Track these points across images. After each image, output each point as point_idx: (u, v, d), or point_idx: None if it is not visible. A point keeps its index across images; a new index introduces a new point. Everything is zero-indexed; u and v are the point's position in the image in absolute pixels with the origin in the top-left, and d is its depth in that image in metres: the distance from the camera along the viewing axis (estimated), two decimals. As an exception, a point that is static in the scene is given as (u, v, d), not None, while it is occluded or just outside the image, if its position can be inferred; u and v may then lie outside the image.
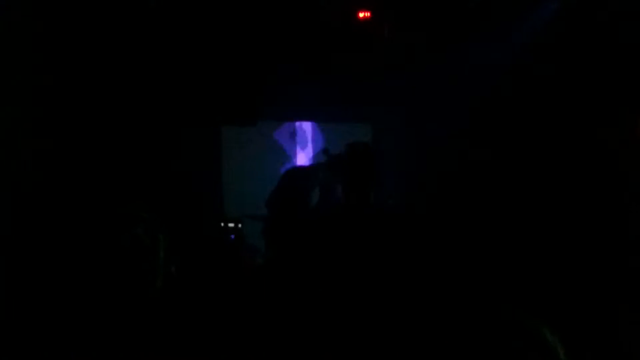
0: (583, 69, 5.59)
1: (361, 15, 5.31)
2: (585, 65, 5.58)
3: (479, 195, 5.88)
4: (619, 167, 4.92)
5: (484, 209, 5.80)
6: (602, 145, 5.02)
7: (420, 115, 6.36)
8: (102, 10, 4.68)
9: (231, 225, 4.92)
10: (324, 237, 2.68)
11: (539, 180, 5.67)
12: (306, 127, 6.54)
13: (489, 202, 5.81)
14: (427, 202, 6.02)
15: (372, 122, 6.54)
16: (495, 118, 6.02)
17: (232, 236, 4.91)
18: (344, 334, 2.49)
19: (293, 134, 6.46)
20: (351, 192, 2.72)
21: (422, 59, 5.85)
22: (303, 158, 6.50)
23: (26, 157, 3.79)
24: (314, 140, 6.55)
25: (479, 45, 5.80)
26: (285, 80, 5.59)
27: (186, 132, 5.30)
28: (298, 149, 6.51)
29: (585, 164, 5.22)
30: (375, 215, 2.68)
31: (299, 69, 5.56)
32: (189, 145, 5.43)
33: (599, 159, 5.03)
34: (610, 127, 5.10)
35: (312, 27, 5.31)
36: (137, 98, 4.95)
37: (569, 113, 5.63)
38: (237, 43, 5.29)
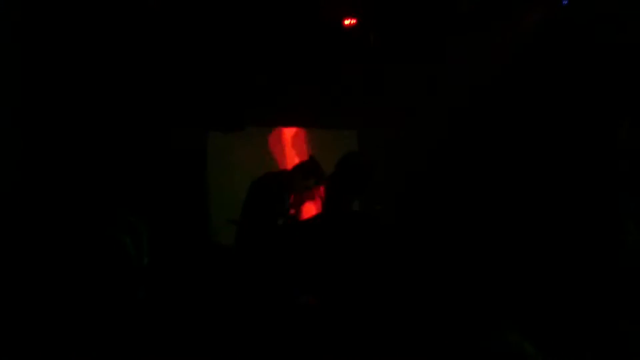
0: (568, 76, 5.68)
1: (347, 22, 5.36)
2: (569, 73, 5.67)
3: (465, 202, 5.93)
4: (606, 172, 4.97)
5: (470, 216, 5.85)
6: (587, 152, 5.09)
7: (406, 122, 6.41)
8: (91, 12, 4.70)
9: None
10: (304, 243, 2.68)
11: (525, 188, 5.73)
12: (293, 132, 6.57)
13: (475, 209, 5.86)
14: (414, 209, 6.05)
15: (358, 128, 6.57)
16: (482, 125, 6.08)
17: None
18: (324, 341, 2.50)
19: (280, 139, 6.48)
20: (336, 199, 2.71)
21: (407, 66, 5.90)
22: (290, 163, 6.52)
23: (10, 158, 3.79)
24: (300, 146, 6.57)
25: (464, 52, 5.87)
26: (272, 86, 5.62)
27: (173, 136, 5.30)
28: (285, 154, 6.53)
29: (573, 173, 5.28)
30: (360, 222, 2.68)
31: (286, 75, 5.59)
32: (176, 149, 5.43)
33: (585, 167, 5.08)
34: (595, 132, 5.17)
35: (299, 34, 5.35)
36: (122, 102, 4.96)
37: (555, 120, 5.71)
38: (224, 49, 5.31)
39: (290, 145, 6.57)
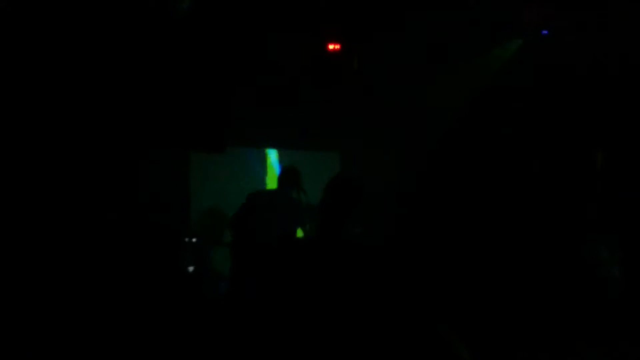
0: (545, 105, 5.81)
1: (331, 47, 5.44)
2: (546, 102, 5.80)
3: (446, 221, 6.00)
4: (580, 199, 5.07)
5: (451, 233, 5.93)
6: (562, 181, 5.20)
7: (387, 144, 6.48)
8: (80, 28, 4.75)
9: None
10: (299, 268, 2.67)
11: (499, 206, 5.83)
12: (276, 153, 6.62)
13: (455, 227, 5.95)
14: (393, 230, 6.11)
15: (341, 150, 6.63)
16: (462, 147, 6.18)
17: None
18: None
19: (263, 161, 6.52)
20: (329, 224, 2.71)
21: (389, 90, 5.99)
22: (272, 184, 6.56)
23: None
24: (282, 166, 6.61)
25: (444, 77, 5.99)
26: (255, 108, 5.67)
27: (155, 156, 5.32)
28: (268, 175, 6.57)
29: (547, 200, 5.38)
30: (343, 244, 2.69)
31: (269, 98, 5.65)
32: (158, 169, 5.45)
33: (559, 196, 5.19)
34: (570, 161, 5.28)
35: (282, 57, 5.42)
36: (105, 124, 4.99)
37: (530, 148, 5.83)
38: (206, 70, 5.35)
39: (272, 166, 6.62)
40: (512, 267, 5.51)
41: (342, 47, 5.45)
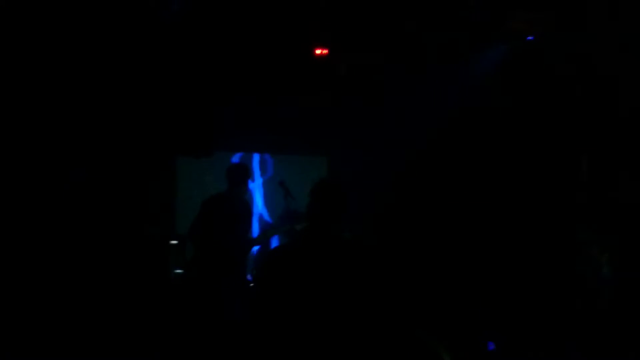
0: (530, 110, 5.87)
1: (318, 52, 5.45)
2: (532, 107, 5.86)
3: (435, 223, 6.04)
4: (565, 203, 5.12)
5: (440, 236, 5.97)
6: (547, 186, 5.24)
7: (375, 149, 6.50)
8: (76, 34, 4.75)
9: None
10: (289, 271, 2.67)
11: (489, 209, 5.88)
12: (264, 157, 6.61)
13: (445, 229, 5.98)
14: (380, 234, 6.12)
15: (328, 154, 6.64)
16: (447, 154, 6.22)
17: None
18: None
19: (249, 165, 6.50)
20: (316, 227, 2.73)
21: (376, 95, 6.01)
22: (260, 188, 6.55)
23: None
24: (270, 171, 6.60)
25: (432, 82, 6.02)
26: (242, 113, 5.66)
27: (142, 160, 5.30)
28: (255, 179, 6.55)
29: (534, 205, 5.43)
30: (331, 247, 2.71)
31: (257, 102, 5.65)
32: (145, 173, 5.43)
33: (545, 200, 5.23)
34: (555, 166, 5.33)
35: (270, 62, 5.42)
36: (93, 128, 4.99)
37: (516, 154, 5.88)
38: (194, 76, 5.35)
39: (259, 170, 6.61)
40: (504, 269, 5.56)
41: (329, 52, 5.47)
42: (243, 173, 4.74)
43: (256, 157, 6.54)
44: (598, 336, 4.16)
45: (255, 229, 6.02)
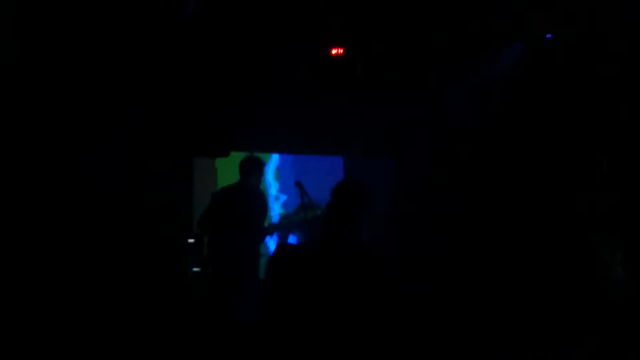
0: (550, 109, 5.81)
1: (334, 52, 5.44)
2: (552, 106, 5.80)
3: (449, 224, 6.00)
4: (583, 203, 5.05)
5: (454, 237, 5.94)
6: (566, 187, 5.18)
7: (393, 149, 6.47)
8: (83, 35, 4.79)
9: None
10: (305, 272, 2.66)
11: (502, 209, 5.84)
12: (280, 157, 6.62)
13: (459, 230, 5.95)
14: (398, 238, 6.10)
15: (345, 154, 6.62)
16: (464, 154, 6.17)
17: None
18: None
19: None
20: (335, 228, 2.71)
21: (393, 95, 5.98)
22: (277, 188, 6.57)
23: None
24: (287, 170, 6.62)
25: (448, 81, 5.98)
26: (259, 113, 5.66)
27: (159, 161, 5.32)
28: (272, 179, 6.57)
29: (551, 207, 5.38)
30: (349, 248, 2.69)
31: (273, 102, 5.65)
32: (162, 173, 5.46)
33: (562, 201, 5.17)
34: (574, 167, 5.27)
35: (286, 62, 5.41)
36: (109, 129, 5.03)
37: (534, 153, 5.82)
38: (211, 76, 5.37)
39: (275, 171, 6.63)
40: (515, 269, 5.52)
41: (345, 51, 5.45)
42: (254, 164, 4.84)
43: (274, 157, 6.57)
44: (610, 336, 4.12)
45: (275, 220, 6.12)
